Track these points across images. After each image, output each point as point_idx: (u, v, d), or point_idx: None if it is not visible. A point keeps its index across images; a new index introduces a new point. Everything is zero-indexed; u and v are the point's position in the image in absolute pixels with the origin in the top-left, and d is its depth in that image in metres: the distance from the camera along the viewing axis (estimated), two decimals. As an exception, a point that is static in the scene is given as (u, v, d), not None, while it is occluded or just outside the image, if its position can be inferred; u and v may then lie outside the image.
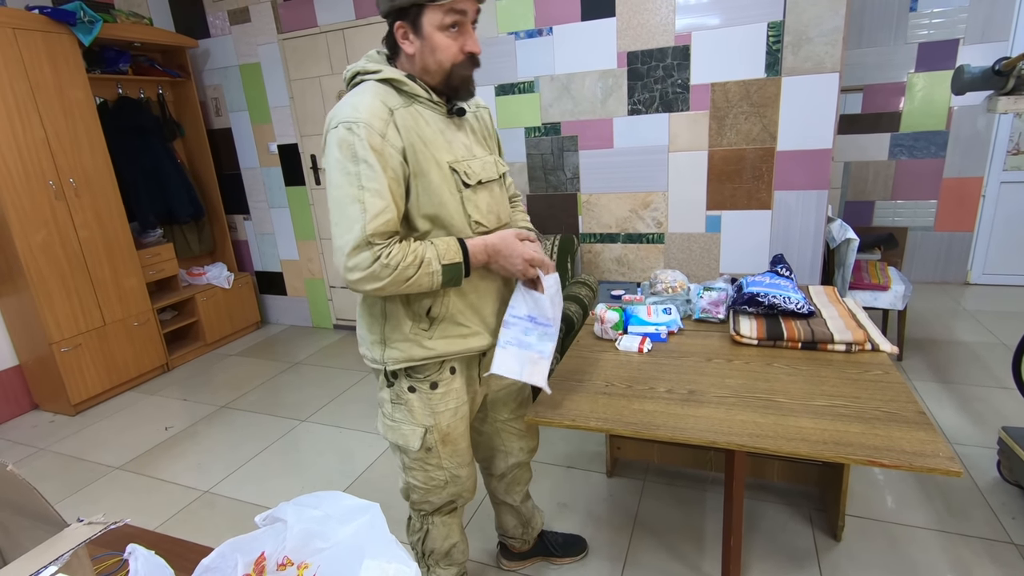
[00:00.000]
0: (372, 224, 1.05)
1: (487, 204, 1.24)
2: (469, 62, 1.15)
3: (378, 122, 1.07)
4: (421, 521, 1.46)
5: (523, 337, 1.26)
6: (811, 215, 2.70)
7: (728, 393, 1.35)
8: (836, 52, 2.46)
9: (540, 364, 1.26)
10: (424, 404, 1.28)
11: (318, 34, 3.44)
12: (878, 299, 2.85)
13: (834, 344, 1.52)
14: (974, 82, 2.07)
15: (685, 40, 2.68)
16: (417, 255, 1.10)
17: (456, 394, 1.31)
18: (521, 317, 1.27)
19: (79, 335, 3.06)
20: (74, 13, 2.89)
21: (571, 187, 3.11)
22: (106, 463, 2.59)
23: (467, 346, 1.27)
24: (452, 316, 1.24)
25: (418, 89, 1.14)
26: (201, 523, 2.13)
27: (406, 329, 1.23)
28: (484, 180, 1.23)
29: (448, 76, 1.14)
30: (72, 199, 3.01)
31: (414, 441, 1.30)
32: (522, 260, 1.21)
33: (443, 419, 1.30)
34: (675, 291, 1.87)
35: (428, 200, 1.14)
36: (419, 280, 1.11)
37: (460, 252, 1.14)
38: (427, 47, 1.11)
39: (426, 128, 1.14)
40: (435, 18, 1.08)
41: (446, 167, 1.15)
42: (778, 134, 2.64)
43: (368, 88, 1.12)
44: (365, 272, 1.06)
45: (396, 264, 1.07)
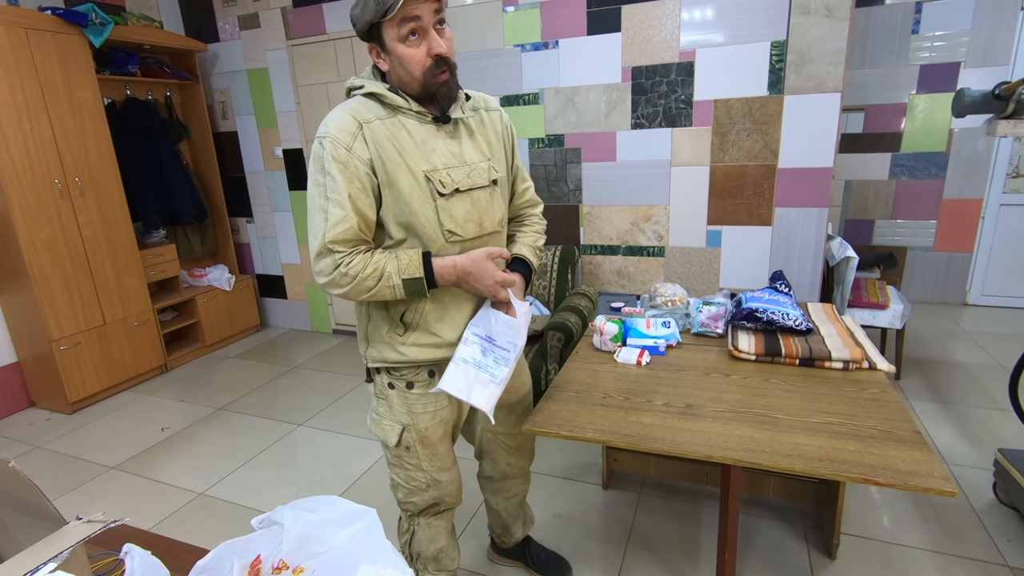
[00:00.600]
0: (331, 232, 1.11)
1: (464, 213, 1.22)
2: (438, 66, 1.13)
3: (344, 136, 1.11)
4: (408, 522, 1.48)
5: (480, 357, 1.24)
6: (811, 232, 2.72)
7: (725, 408, 1.35)
8: (838, 72, 2.49)
9: (490, 388, 1.23)
10: (402, 402, 1.31)
11: (326, 41, 3.48)
12: (877, 318, 2.86)
13: (832, 362, 1.52)
14: (974, 105, 2.09)
15: (689, 57, 2.71)
16: (377, 268, 1.14)
17: (434, 398, 1.31)
18: (481, 336, 1.25)
19: (79, 333, 3.07)
20: (86, 15, 2.93)
21: (573, 198, 3.13)
22: (102, 462, 2.59)
23: (437, 355, 1.28)
24: (426, 324, 1.25)
25: (399, 100, 1.16)
26: (196, 525, 2.13)
27: (383, 332, 1.27)
28: (464, 188, 1.21)
29: (423, 85, 1.14)
30: (77, 198, 3.03)
31: (392, 437, 1.33)
32: (493, 281, 1.21)
33: (421, 420, 1.32)
34: (674, 305, 1.88)
35: (399, 208, 1.16)
36: (381, 291, 1.15)
37: (421, 267, 1.16)
38: (395, 61, 1.13)
39: (406, 138, 1.16)
40: (392, 32, 1.10)
41: (420, 176, 1.16)
42: (780, 151, 2.66)
43: (347, 103, 1.17)
44: (328, 278, 1.14)
45: (355, 274, 1.12)
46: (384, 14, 1.06)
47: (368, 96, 1.17)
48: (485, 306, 1.27)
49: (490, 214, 1.27)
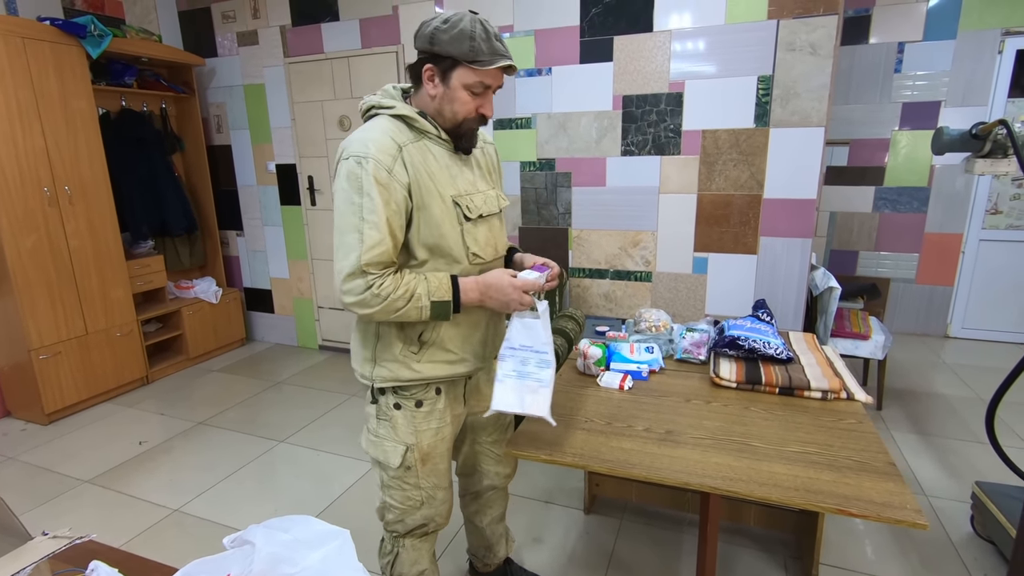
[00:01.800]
0: (367, 255, 1.11)
1: (485, 237, 1.29)
2: (479, 120, 1.22)
3: (386, 158, 1.13)
4: (393, 543, 1.46)
5: (521, 367, 1.26)
6: (795, 262, 2.76)
7: (705, 435, 1.36)
8: (822, 107, 2.56)
9: (540, 393, 1.25)
10: (408, 422, 1.32)
11: (323, 60, 3.53)
12: (859, 348, 2.90)
13: (810, 391, 1.54)
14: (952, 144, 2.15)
15: (679, 88, 2.77)
16: (408, 289, 1.15)
17: (439, 415, 1.34)
18: (516, 348, 1.26)
19: (59, 343, 3.03)
20: (84, 26, 2.95)
21: (563, 222, 3.16)
22: (75, 476, 2.53)
23: (453, 371, 1.31)
24: (442, 342, 1.28)
25: (428, 126, 1.20)
26: (168, 542, 2.08)
27: (396, 351, 1.27)
28: (485, 214, 1.28)
29: (457, 126, 1.21)
30: (66, 207, 3.02)
31: (394, 458, 1.32)
32: (514, 289, 1.20)
33: (424, 438, 1.33)
34: (658, 330, 1.90)
35: (429, 231, 1.19)
36: (408, 312, 1.16)
37: (451, 290, 1.19)
38: (448, 96, 1.17)
39: (433, 163, 1.20)
40: (466, 76, 1.15)
41: (449, 201, 1.21)
42: (765, 182, 2.72)
43: (380, 123, 1.18)
44: (357, 298, 1.13)
45: (387, 295, 1.13)
46: (471, 62, 1.12)
47: (396, 118, 1.19)
48: (512, 319, 1.27)
49: (500, 239, 1.37)
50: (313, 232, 3.91)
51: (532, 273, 1.26)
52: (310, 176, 3.80)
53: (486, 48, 1.12)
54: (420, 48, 1.17)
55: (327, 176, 3.75)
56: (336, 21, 3.44)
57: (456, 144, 1.25)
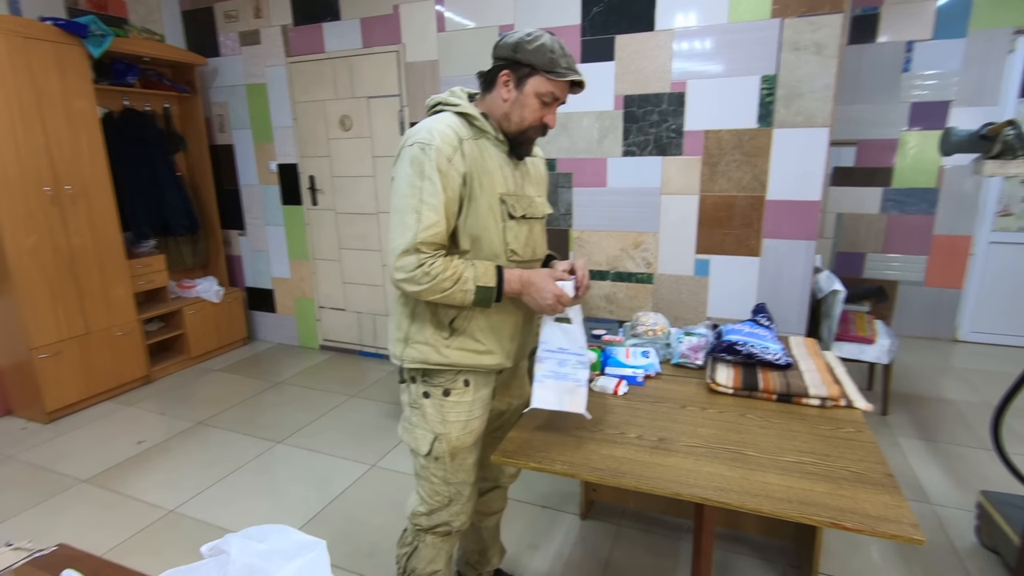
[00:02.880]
0: (423, 234, 1.18)
1: (526, 237, 1.35)
2: (540, 131, 1.30)
3: (448, 148, 1.20)
4: (414, 536, 1.49)
5: (559, 369, 1.33)
6: (799, 265, 2.72)
7: (698, 443, 1.33)
8: (827, 108, 2.51)
9: (578, 392, 1.33)
10: (436, 411, 1.36)
11: (324, 60, 3.52)
12: (864, 352, 2.85)
13: (809, 398, 1.51)
14: (961, 145, 2.11)
15: (681, 87, 2.74)
16: (457, 271, 1.21)
17: (468, 407, 1.37)
18: (554, 350, 1.34)
19: (60, 342, 3.04)
20: (86, 26, 2.96)
21: (564, 223, 3.13)
22: (73, 475, 2.54)
23: (479, 361, 1.34)
24: (472, 332, 1.33)
25: (488, 127, 1.28)
26: (162, 544, 2.08)
27: (428, 333, 1.32)
28: (528, 216, 1.35)
29: (521, 132, 1.28)
30: (67, 206, 3.03)
31: (424, 445, 1.37)
32: (552, 295, 1.26)
33: (453, 429, 1.36)
34: (655, 334, 1.86)
35: (475, 222, 1.26)
36: (453, 295, 1.22)
37: (495, 278, 1.24)
38: (519, 102, 1.25)
39: (488, 161, 1.27)
40: (540, 85, 1.23)
41: (497, 197, 1.28)
42: (768, 183, 2.68)
43: (445, 117, 1.26)
44: (408, 274, 1.19)
45: (436, 275, 1.19)
46: (548, 72, 1.21)
47: (459, 115, 1.27)
48: (546, 324, 1.35)
49: (541, 243, 1.44)
50: (314, 232, 3.90)
51: (567, 285, 1.31)
52: (311, 176, 3.79)
53: (563, 63, 1.22)
54: (501, 56, 1.26)
55: (328, 176, 3.75)
56: (337, 20, 3.43)
57: (513, 149, 1.31)
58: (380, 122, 3.48)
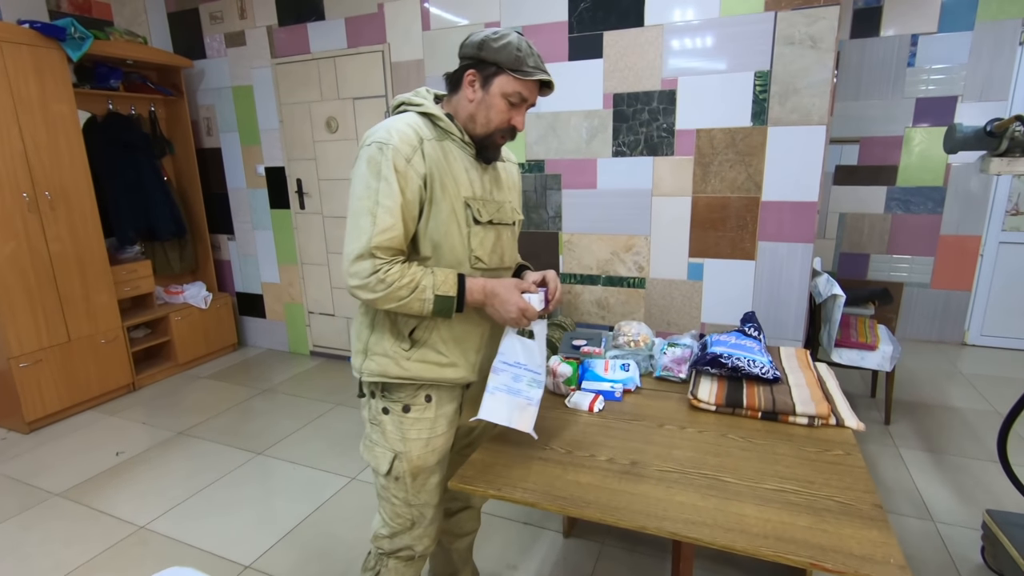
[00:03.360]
0: (378, 238, 1.12)
1: (492, 244, 1.28)
2: (508, 134, 1.24)
3: (406, 147, 1.14)
4: (376, 560, 1.42)
5: (513, 383, 1.27)
6: (796, 268, 2.61)
7: (673, 467, 1.24)
8: (823, 104, 2.40)
9: (528, 410, 1.27)
10: (396, 428, 1.29)
11: (310, 60, 3.45)
12: (865, 359, 2.73)
13: (796, 416, 1.41)
14: (966, 142, 1.99)
15: (672, 85, 2.64)
16: (414, 279, 1.15)
17: (430, 424, 1.30)
18: (511, 364, 1.27)
19: (40, 351, 2.98)
20: (64, 29, 2.90)
21: (553, 226, 3.04)
22: (47, 488, 2.48)
23: (442, 375, 1.28)
24: (434, 343, 1.26)
25: (453, 128, 1.22)
26: (128, 562, 2.01)
27: (387, 345, 1.25)
28: (496, 221, 1.28)
29: (488, 135, 1.22)
30: (46, 212, 2.97)
31: (383, 464, 1.31)
32: (517, 308, 1.20)
33: (414, 448, 1.29)
34: (637, 346, 1.77)
35: (436, 227, 1.19)
36: (410, 304, 1.15)
37: (456, 287, 1.18)
38: (485, 102, 1.19)
39: (453, 163, 1.21)
40: (507, 85, 1.17)
41: (461, 201, 1.21)
42: (763, 184, 2.57)
43: (406, 117, 1.20)
44: (362, 281, 1.13)
45: (392, 282, 1.12)
46: (515, 71, 1.15)
47: (423, 115, 1.22)
48: (507, 335, 1.28)
49: (510, 251, 1.37)
50: (302, 236, 3.83)
51: (534, 298, 1.24)
52: (299, 179, 3.72)
53: (530, 62, 1.17)
54: (466, 55, 1.20)
55: (315, 179, 3.67)
56: (322, 20, 3.36)
57: (480, 152, 1.25)
58: (366, 123, 3.40)
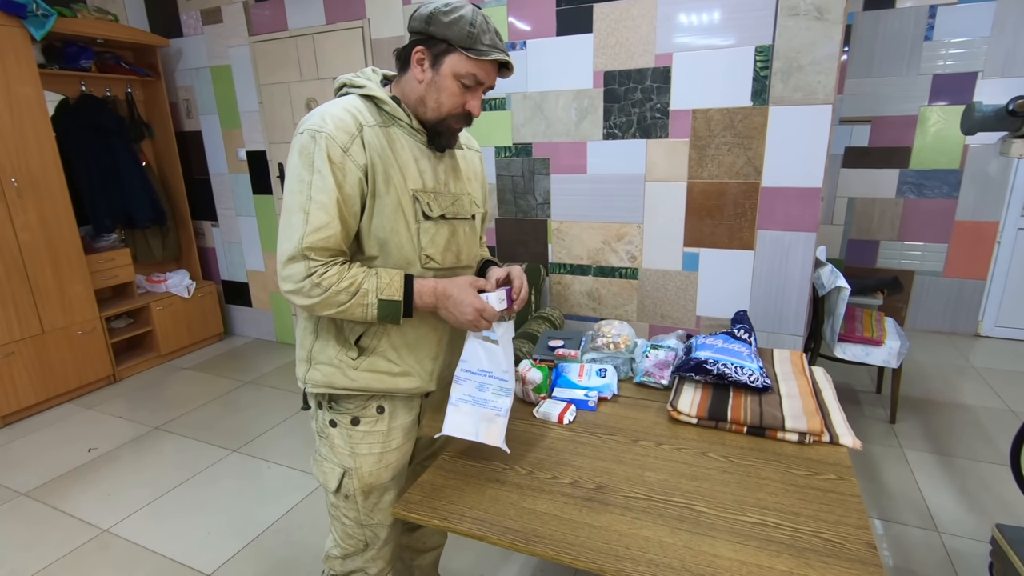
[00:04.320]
0: (311, 237, 1.00)
1: (446, 241, 1.15)
2: (463, 119, 1.11)
3: (343, 135, 1.01)
4: None
5: (477, 393, 1.16)
6: (797, 258, 2.44)
7: (643, 493, 1.10)
8: (830, 82, 2.21)
9: (496, 422, 1.16)
10: (345, 442, 1.19)
11: (288, 38, 3.28)
12: (870, 355, 2.57)
13: (784, 432, 1.26)
14: (985, 122, 1.81)
15: (666, 61, 2.45)
16: (354, 282, 1.03)
17: (382, 438, 1.19)
18: (474, 372, 1.17)
19: (12, 343, 2.89)
20: (25, 5, 2.75)
21: (541, 212, 2.88)
22: (13, 487, 2.40)
23: (395, 385, 1.16)
24: (383, 351, 1.14)
25: (400, 112, 1.09)
26: (85, 570, 1.92)
27: (332, 353, 1.14)
28: (450, 216, 1.16)
29: (440, 120, 1.09)
30: (13, 200, 2.86)
31: (332, 481, 1.21)
32: (473, 310, 1.08)
33: (365, 464, 1.19)
34: (617, 348, 1.62)
35: (381, 224, 1.07)
36: (351, 309, 1.04)
37: (402, 289, 1.06)
38: (435, 84, 1.06)
39: (400, 152, 1.09)
40: (458, 65, 1.04)
41: (408, 194, 1.09)
42: (763, 168, 2.40)
43: (346, 100, 1.07)
44: (296, 285, 1.02)
45: (328, 286, 1.01)
46: (468, 49, 1.02)
47: (365, 99, 1.09)
48: (469, 339, 1.17)
49: (467, 246, 1.23)
50: (287, 223, 3.69)
51: (492, 297, 1.11)
52: (280, 164, 3.58)
53: (486, 39, 1.03)
54: (414, 29, 1.06)
55: (298, 163, 3.52)
56: (300, -5, 3.18)
57: (433, 140, 1.13)
58: (348, 105, 3.24)
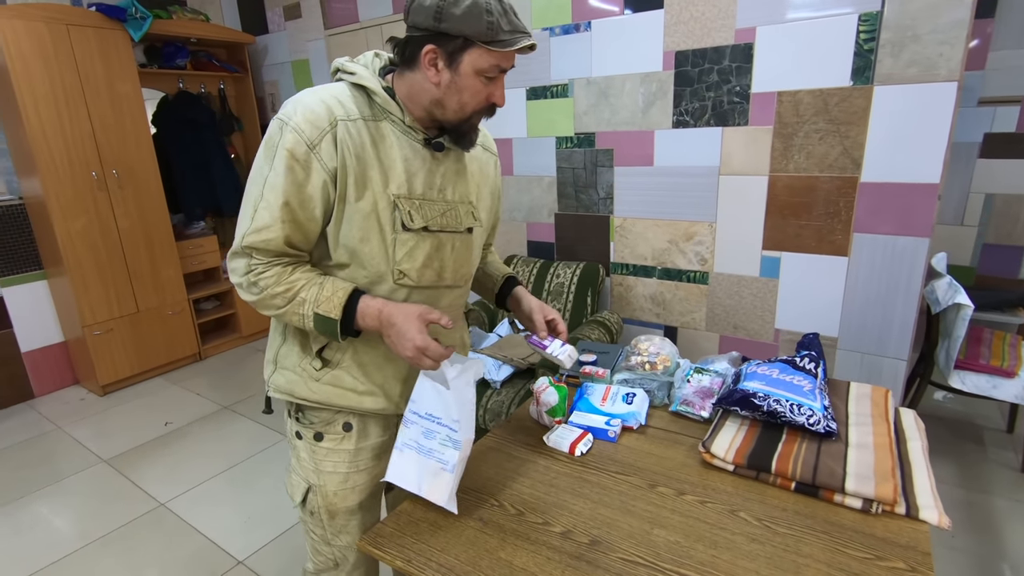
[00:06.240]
0: (251, 237, 0.92)
1: (426, 255, 1.02)
2: (488, 111, 0.99)
3: (311, 130, 0.90)
4: None
5: (423, 440, 1.02)
6: (904, 268, 2.04)
7: (644, 556, 0.91)
8: (955, 54, 1.80)
9: (442, 477, 1.00)
10: (309, 456, 1.11)
11: (359, 29, 3.29)
12: (998, 388, 2.12)
13: (844, 496, 1.01)
14: None
15: (748, 37, 2.13)
16: (291, 289, 0.94)
17: (349, 457, 1.10)
18: (421, 415, 1.02)
19: (111, 320, 3.18)
20: (124, 9, 2.97)
21: (603, 208, 2.66)
22: (99, 453, 2.63)
23: (359, 403, 1.06)
24: (348, 367, 1.05)
25: (392, 106, 0.96)
26: (139, 542, 2.04)
27: (295, 359, 1.07)
28: (434, 228, 1.02)
29: (465, 120, 0.97)
30: (114, 190, 3.12)
31: (297, 494, 1.14)
32: (413, 347, 0.92)
33: (329, 483, 1.11)
34: (653, 368, 1.41)
35: (349, 232, 0.96)
36: (288, 315, 0.97)
37: (341, 308, 0.94)
38: (455, 85, 0.93)
39: (387, 151, 0.96)
40: (480, 60, 0.91)
41: (387, 199, 0.96)
42: (864, 161, 2.02)
43: (327, 89, 0.96)
44: (238, 279, 0.96)
45: (264, 287, 0.94)
46: (489, 42, 0.88)
47: (356, 88, 0.96)
48: (420, 377, 1.03)
49: (453, 264, 1.08)
50: (357, 214, 3.76)
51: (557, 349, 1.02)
52: (352, 155, 3.63)
53: (505, 24, 0.88)
54: (420, 25, 0.89)
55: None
56: (370, -15, 3.17)
57: (458, 140, 1.00)
58: (414, 96, 3.20)
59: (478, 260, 1.18)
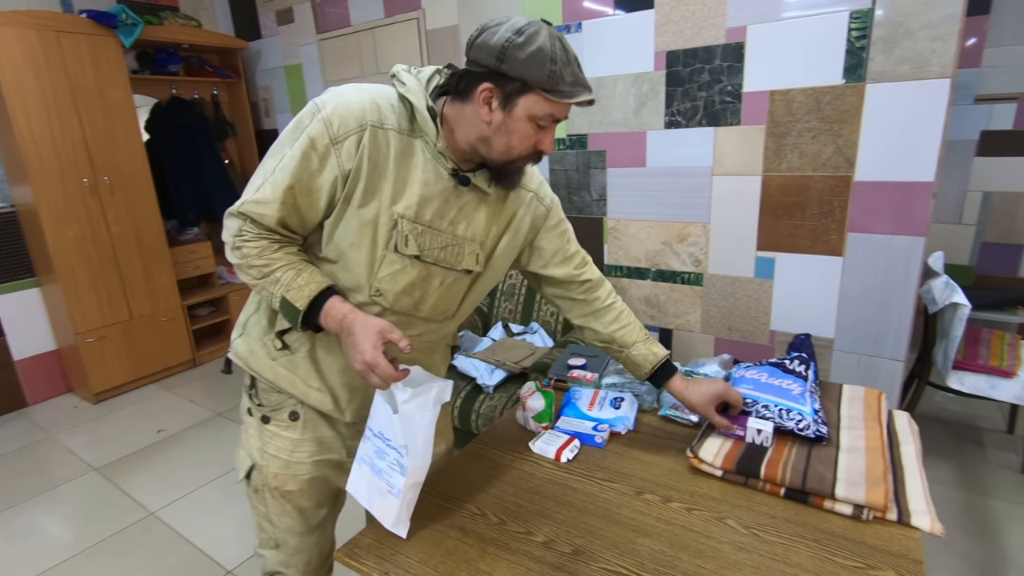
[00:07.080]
0: (249, 205, 0.91)
1: (409, 282, 0.99)
2: (534, 157, 0.96)
3: (340, 125, 0.88)
4: None
5: (375, 460, 0.98)
6: (899, 267, 2.02)
7: (628, 566, 0.89)
8: (948, 50, 1.78)
9: (387, 500, 0.95)
10: (257, 434, 1.11)
11: (351, 34, 3.28)
12: (996, 388, 2.09)
13: (834, 501, 0.98)
14: None
15: (739, 36, 2.11)
16: (270, 266, 0.93)
17: (291, 445, 1.09)
18: (374, 432, 0.98)
19: (104, 327, 3.16)
20: (115, 15, 2.96)
21: (597, 210, 2.64)
22: (90, 461, 2.61)
23: (305, 396, 1.05)
24: (304, 359, 1.04)
25: (430, 127, 0.93)
26: (128, 550, 2.02)
27: (260, 331, 1.06)
28: (430, 260, 0.99)
29: (509, 162, 0.95)
30: (106, 196, 3.11)
31: (242, 468, 1.14)
32: (362, 360, 0.89)
33: (272, 465, 1.10)
34: (642, 372, 1.39)
35: (343, 234, 0.94)
36: (260, 289, 0.96)
37: (308, 301, 0.92)
38: (505, 127, 0.90)
39: (410, 169, 0.94)
40: (536, 106, 0.88)
41: (389, 214, 0.93)
42: (857, 159, 2.00)
43: (376, 90, 0.93)
44: (228, 238, 0.95)
45: (246, 254, 0.93)
46: (547, 90, 0.86)
47: (403, 99, 0.93)
48: (375, 396, 0.98)
49: (436, 299, 1.04)
50: (352, 218, 3.75)
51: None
52: (345, 159, 3.62)
53: (568, 75, 0.86)
54: (481, 62, 0.87)
55: (361, 159, 3.55)
56: (362, -11, 3.16)
57: (500, 180, 0.98)
58: (406, 99, 3.19)
59: (474, 303, 1.13)
